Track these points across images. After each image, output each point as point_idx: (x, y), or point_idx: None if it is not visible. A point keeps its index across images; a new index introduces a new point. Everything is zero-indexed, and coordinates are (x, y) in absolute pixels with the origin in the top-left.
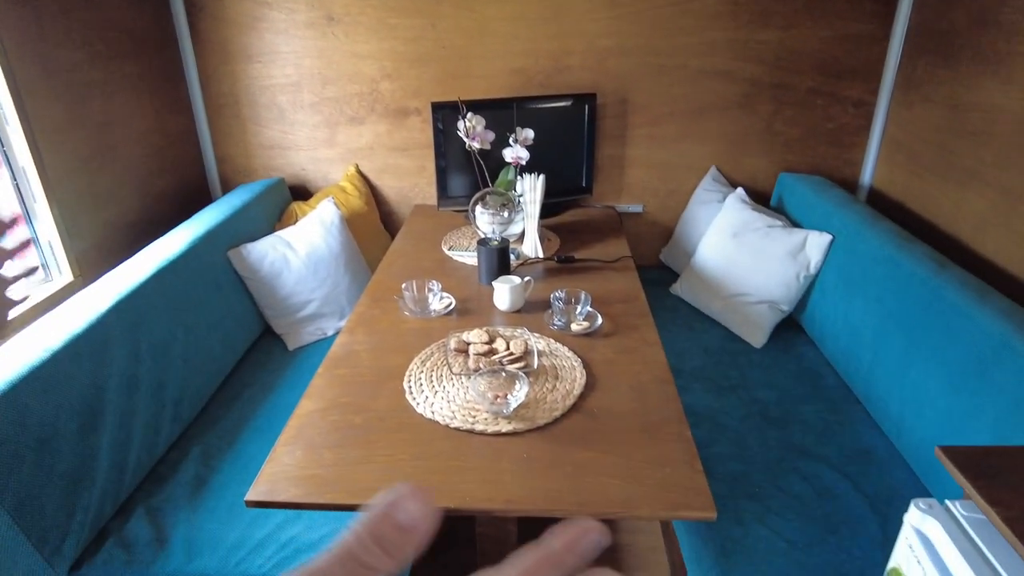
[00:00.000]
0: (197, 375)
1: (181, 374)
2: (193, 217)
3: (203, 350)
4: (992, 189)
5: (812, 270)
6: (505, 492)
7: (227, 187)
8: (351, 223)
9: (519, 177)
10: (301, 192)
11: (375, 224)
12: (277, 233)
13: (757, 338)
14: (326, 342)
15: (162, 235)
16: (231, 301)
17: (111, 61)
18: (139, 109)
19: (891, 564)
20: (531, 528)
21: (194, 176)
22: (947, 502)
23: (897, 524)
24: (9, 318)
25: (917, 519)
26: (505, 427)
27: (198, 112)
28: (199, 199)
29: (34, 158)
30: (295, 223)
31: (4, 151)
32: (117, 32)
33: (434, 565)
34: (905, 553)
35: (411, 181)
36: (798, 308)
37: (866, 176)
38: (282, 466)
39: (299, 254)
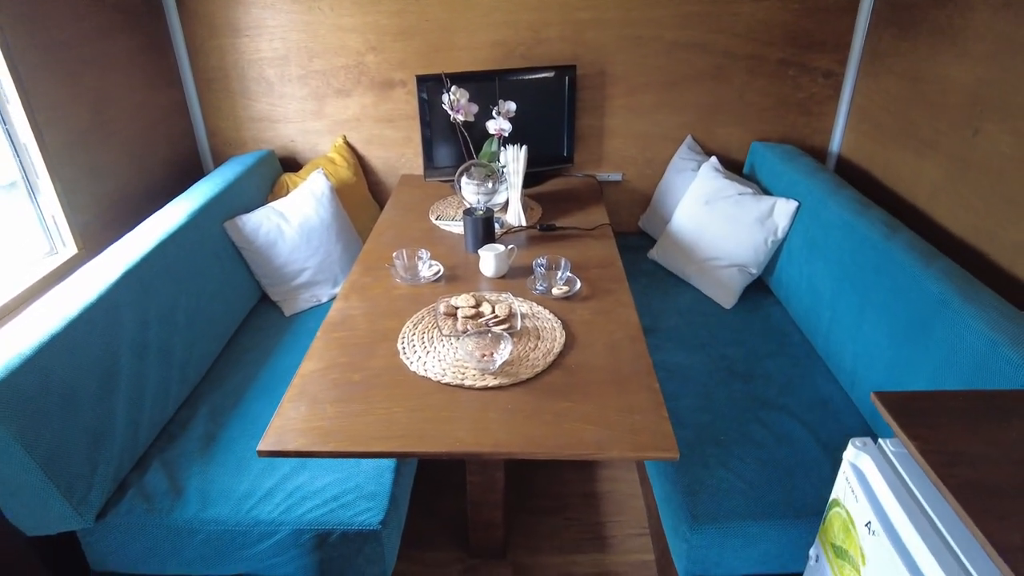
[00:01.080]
0: (201, 340)
1: (186, 339)
2: (189, 190)
3: (205, 316)
4: (945, 157)
5: (779, 235)
6: (492, 438)
7: (218, 159)
8: (340, 193)
9: (502, 148)
10: (291, 163)
11: (363, 194)
12: (270, 204)
13: (727, 300)
14: (321, 308)
15: (157, 207)
16: (229, 270)
17: (102, 36)
18: (131, 83)
19: (832, 496)
20: (517, 476)
21: (185, 149)
22: (880, 440)
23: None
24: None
25: (853, 455)
26: (492, 382)
27: (188, 86)
28: (191, 171)
29: (35, 134)
30: (286, 194)
31: (7, 128)
32: (107, 7)
33: (425, 513)
34: (843, 485)
35: (397, 151)
36: (766, 271)
37: (835, 144)
38: (288, 420)
39: (292, 224)
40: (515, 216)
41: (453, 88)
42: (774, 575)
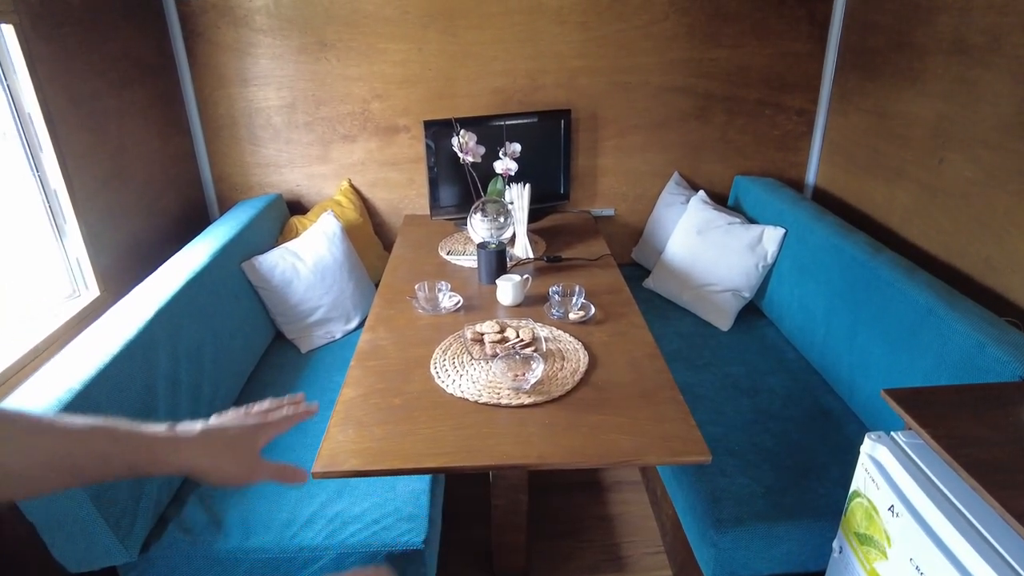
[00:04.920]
0: (226, 376)
1: (212, 376)
2: (204, 232)
3: (228, 354)
4: (914, 184)
5: (769, 260)
6: (535, 450)
7: (224, 205)
8: (347, 233)
9: (507, 187)
10: (297, 207)
11: (369, 234)
12: (284, 245)
13: (723, 322)
14: (335, 344)
15: (167, 251)
16: (247, 309)
17: (122, 88)
18: (146, 132)
19: (852, 488)
20: (532, 503)
21: (193, 195)
22: (892, 433)
23: (854, 468)
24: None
25: (870, 447)
26: (526, 400)
27: (196, 134)
28: (198, 217)
29: (65, 180)
30: (296, 236)
31: (39, 175)
32: (127, 61)
33: (446, 543)
34: (862, 476)
35: (401, 193)
36: (758, 295)
37: (810, 176)
38: (337, 443)
39: (307, 264)
40: (523, 249)
41: (462, 131)
42: (797, 574)
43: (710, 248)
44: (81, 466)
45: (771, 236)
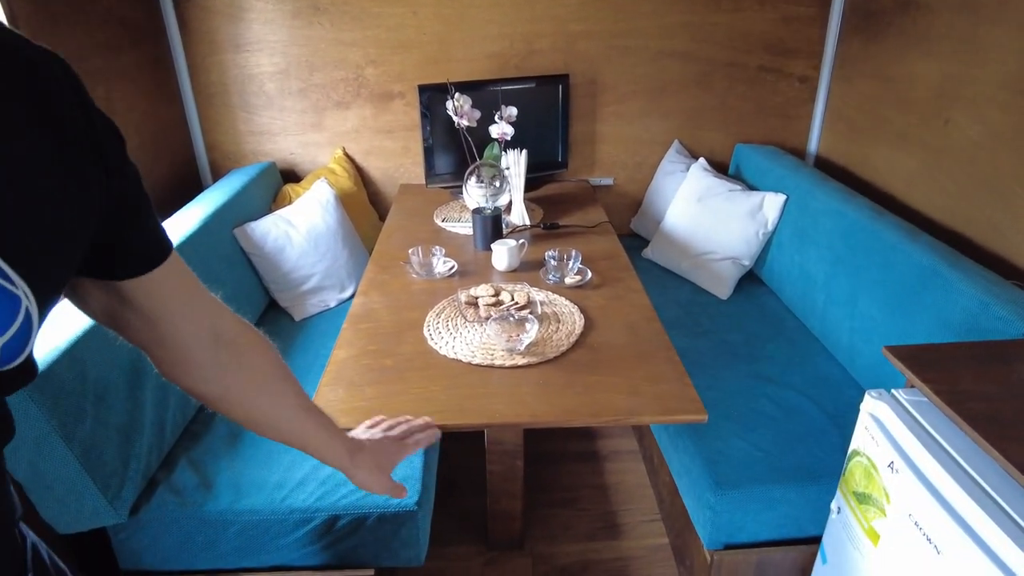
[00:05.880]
0: None
1: None
2: (196, 199)
3: None
4: (918, 148)
5: (770, 227)
6: (529, 409)
7: (216, 173)
8: (341, 202)
9: (503, 153)
10: (290, 175)
11: (363, 203)
12: (277, 212)
13: (723, 291)
14: (329, 313)
15: (160, 220)
16: (239, 276)
17: (110, 51)
18: (136, 98)
19: (852, 447)
20: (527, 471)
21: (186, 163)
22: (892, 390)
23: (852, 433)
24: None
25: (870, 405)
26: (521, 361)
27: (187, 101)
28: (190, 186)
29: None
30: (290, 204)
31: None
32: (115, 23)
33: (440, 511)
34: (862, 435)
35: (396, 162)
36: (758, 263)
37: (812, 143)
38: (328, 402)
39: (300, 231)
40: (519, 216)
41: (456, 95)
42: (794, 539)
43: (710, 215)
44: (305, 438)
45: (772, 202)
